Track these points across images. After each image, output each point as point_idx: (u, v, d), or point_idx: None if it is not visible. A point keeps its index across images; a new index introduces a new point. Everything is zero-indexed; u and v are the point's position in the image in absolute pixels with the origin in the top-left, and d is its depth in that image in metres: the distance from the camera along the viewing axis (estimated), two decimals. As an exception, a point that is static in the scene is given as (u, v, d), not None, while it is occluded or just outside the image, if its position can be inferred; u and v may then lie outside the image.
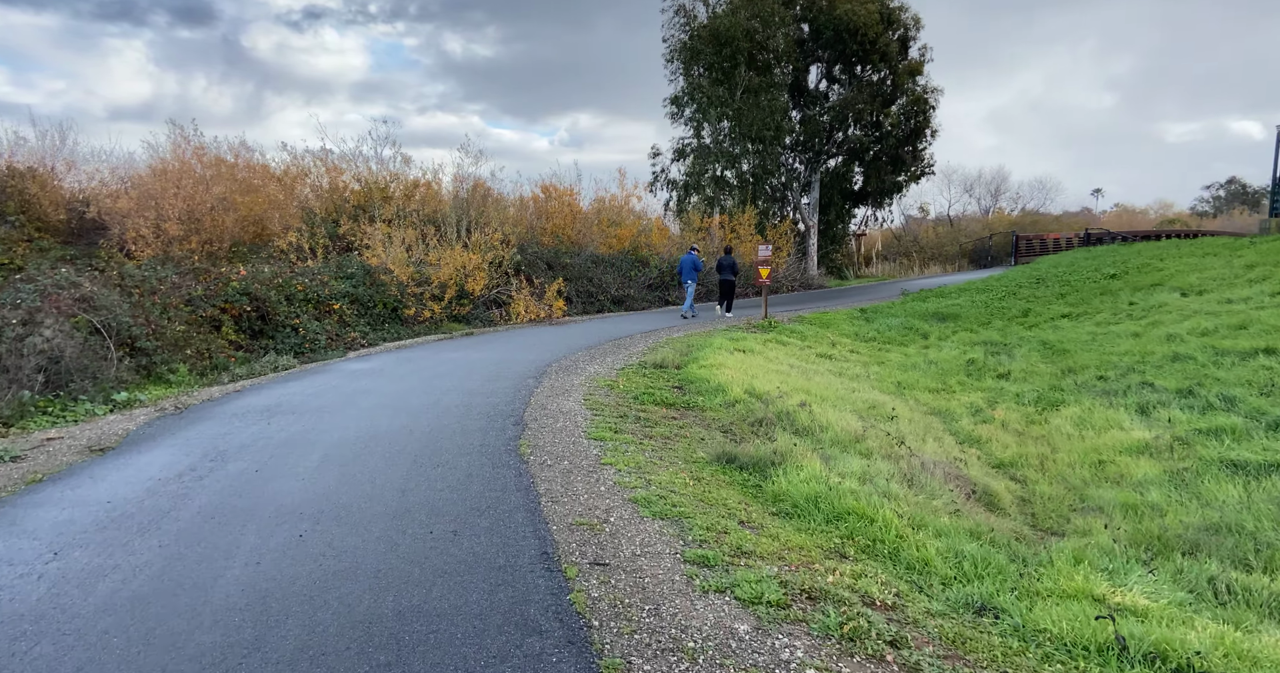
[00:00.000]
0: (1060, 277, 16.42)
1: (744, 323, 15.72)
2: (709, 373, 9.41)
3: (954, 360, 11.50)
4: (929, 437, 7.92)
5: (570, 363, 10.86)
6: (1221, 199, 65.98)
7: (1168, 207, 64.87)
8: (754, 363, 10.26)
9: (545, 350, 12.06)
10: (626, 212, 23.34)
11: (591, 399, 8.37)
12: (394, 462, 5.91)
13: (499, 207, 21.22)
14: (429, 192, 21.03)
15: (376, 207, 18.12)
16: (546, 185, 22.48)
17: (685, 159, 28.29)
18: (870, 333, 14.19)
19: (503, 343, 13.32)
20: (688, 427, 7.49)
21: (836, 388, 9.52)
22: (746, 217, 23.85)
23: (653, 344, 12.69)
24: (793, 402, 8.16)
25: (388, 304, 14.80)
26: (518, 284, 17.15)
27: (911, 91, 29.26)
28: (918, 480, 5.85)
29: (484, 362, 11.03)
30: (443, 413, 7.65)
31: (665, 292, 20.38)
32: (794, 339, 13.38)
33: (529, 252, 18.62)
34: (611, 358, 11.34)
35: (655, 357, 10.75)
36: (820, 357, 11.96)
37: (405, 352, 12.46)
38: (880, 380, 10.46)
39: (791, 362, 11.11)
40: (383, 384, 9.34)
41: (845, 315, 16.35)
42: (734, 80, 26.64)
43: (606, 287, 19.04)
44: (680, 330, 14.60)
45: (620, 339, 13.37)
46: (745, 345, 11.78)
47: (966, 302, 15.82)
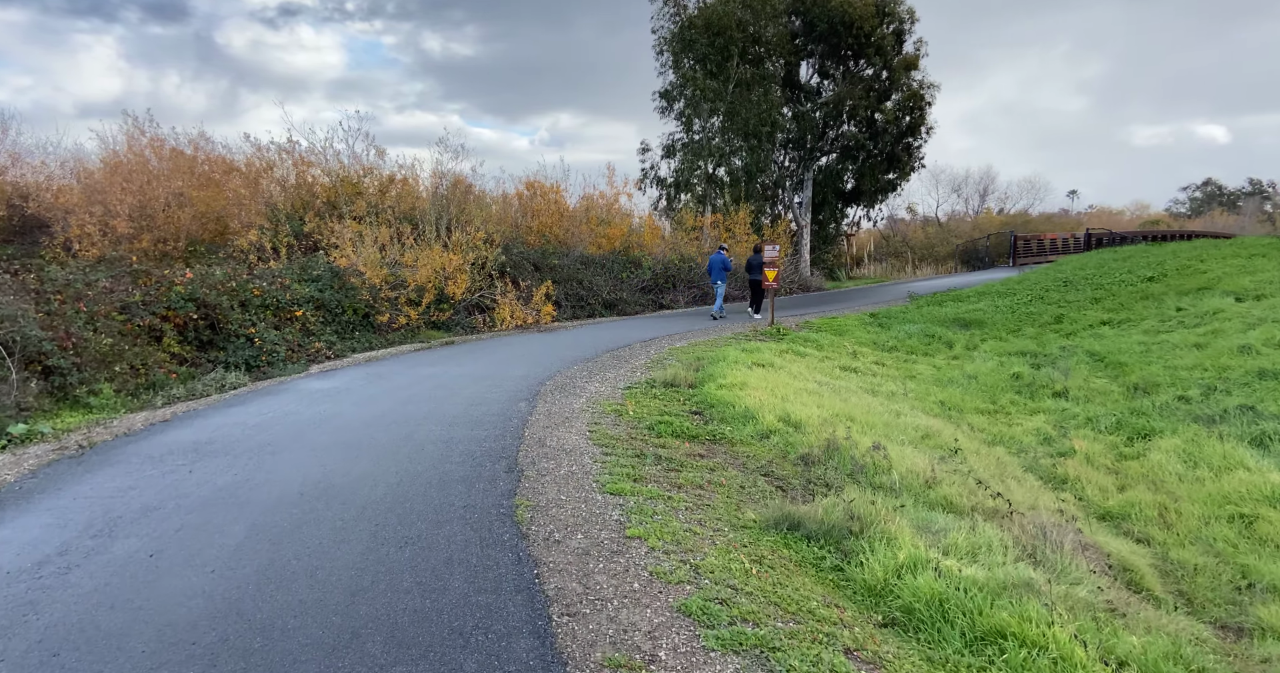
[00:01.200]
0: (1090, 280, 15.08)
1: (749, 330, 14.22)
2: (731, 395, 7.88)
3: (995, 375, 10.08)
4: (1007, 477, 6.45)
5: (566, 380, 9.28)
6: (1198, 200, 65.77)
7: (1144, 207, 64.44)
8: (777, 380, 8.75)
9: (536, 364, 10.46)
10: (616, 210, 21.76)
11: (599, 430, 6.80)
12: (346, 536, 4.30)
13: (481, 204, 19.55)
14: (406, 187, 19.31)
15: (345, 202, 16.38)
16: (531, 181, 20.84)
17: (675, 155, 26.74)
18: (889, 341, 12.75)
19: (488, 354, 11.70)
20: (721, 469, 5.95)
21: (878, 411, 8.03)
22: (741, 215, 22.36)
23: (656, 356, 11.14)
24: (840, 434, 6.65)
25: (358, 310, 13.11)
26: (502, 287, 15.52)
27: (907, 87, 27.92)
28: (1041, 553, 4.36)
29: (467, 379, 9.41)
30: (416, 453, 6.03)
31: (659, 295, 18.84)
32: (810, 349, 11.89)
33: (514, 252, 16.99)
34: (613, 373, 9.76)
35: (664, 373, 9.19)
36: (845, 370, 10.49)
37: (377, 366, 10.79)
38: (920, 399, 9.00)
39: (817, 377, 9.61)
40: (346, 410, 7.69)
41: (856, 321, 14.92)
42: (726, 73, 25.14)
43: (597, 290, 17.46)
44: (683, 339, 13.06)
45: (619, 350, 11.80)
46: (761, 358, 10.27)
47: (989, 307, 14.46)
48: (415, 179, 20.06)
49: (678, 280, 19.31)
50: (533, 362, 10.69)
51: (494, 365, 10.44)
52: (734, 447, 6.61)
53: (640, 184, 25.81)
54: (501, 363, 10.66)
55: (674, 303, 18.84)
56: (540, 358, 11.02)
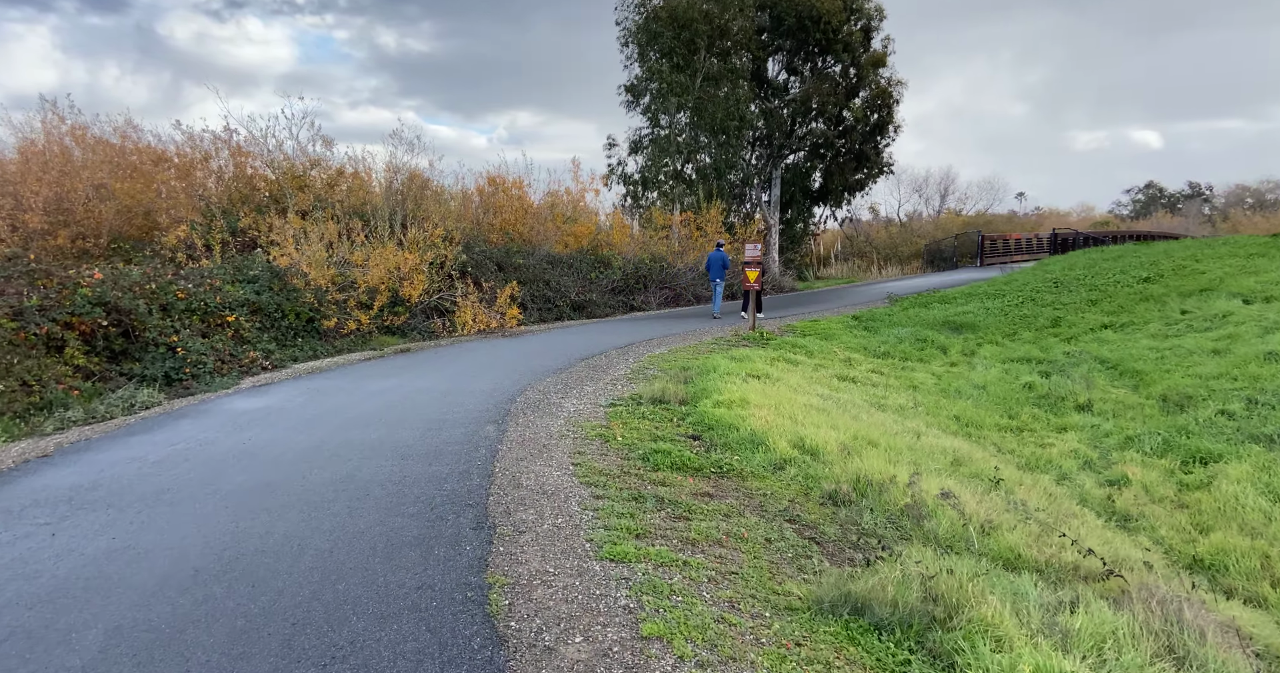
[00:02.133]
0: (1082, 280, 14.32)
1: (731, 334, 13.12)
2: (732, 414, 6.73)
3: (1005, 385, 9.14)
4: (1063, 513, 5.42)
5: (539, 395, 8.02)
6: (1140, 202, 67.10)
7: (1089, 209, 65.49)
8: (778, 395, 7.63)
9: (504, 375, 9.18)
10: (582, 207, 20.50)
11: (584, 463, 5.58)
12: (248, 648, 3.01)
13: (439, 200, 18.10)
14: (357, 181, 17.77)
15: (289, 195, 14.82)
16: (493, 176, 19.44)
17: (642, 151, 25.55)
18: (880, 346, 11.76)
19: (448, 363, 10.36)
20: (737, 514, 4.78)
21: (895, 432, 6.98)
22: (713, 213, 21.28)
23: (636, 365, 9.94)
24: (873, 469, 5.55)
25: (301, 314, 11.63)
26: (464, 288, 14.15)
27: (875, 84, 27.18)
28: (1179, 644, 3.30)
29: (424, 395, 8.09)
30: (358, 500, 4.74)
31: (629, 296, 17.64)
32: (801, 356, 10.83)
33: (476, 251, 15.62)
34: (591, 386, 8.54)
35: (651, 388, 7.99)
36: (843, 380, 9.43)
37: (320, 379, 9.38)
38: (933, 414, 7.98)
39: (818, 390, 8.53)
40: (276, 438, 6.33)
41: (840, 324, 13.93)
42: (693, 67, 24.04)
43: (565, 291, 16.18)
44: (662, 344, 11.89)
45: (593, 358, 10.57)
46: (754, 368, 9.15)
47: (978, 309, 13.61)
48: (368, 173, 18.56)
49: (649, 281, 18.14)
50: (500, 373, 9.40)
51: (456, 378, 9.13)
52: (745, 482, 5.45)
53: (607, 180, 24.57)
54: (464, 374, 9.35)
55: (645, 304, 17.67)
56: (508, 368, 9.73)
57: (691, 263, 19.67)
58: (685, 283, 18.71)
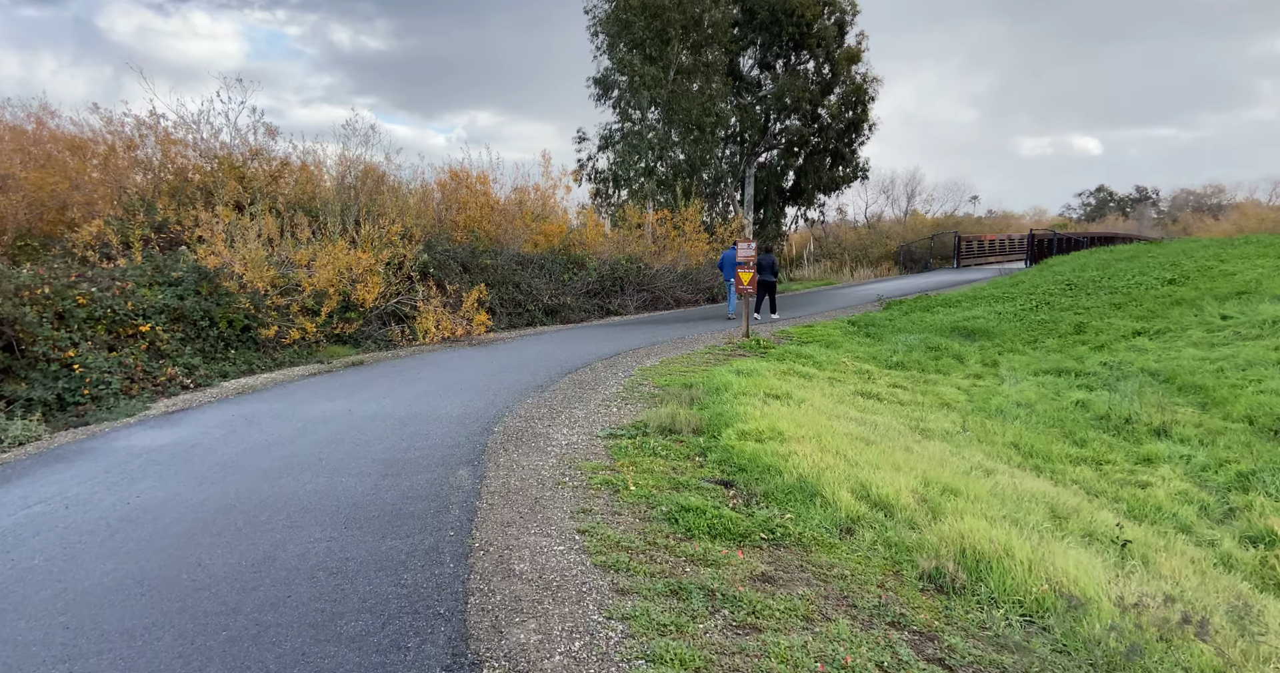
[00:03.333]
0: (1097, 282, 13.22)
1: (725, 341, 11.72)
2: (765, 450, 5.30)
3: (1050, 402, 7.90)
4: (1221, 589, 4.11)
5: (521, 423, 6.48)
6: (1091, 206, 67.97)
7: (1042, 212, 66.04)
8: (810, 422, 6.24)
9: (476, 395, 7.60)
10: (553, 205, 18.90)
11: (594, 531, 4.07)
12: None
13: (397, 195, 16.34)
14: (305, 174, 15.93)
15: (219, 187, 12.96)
16: (455, 170, 17.73)
17: (613, 147, 24.05)
18: (891, 355, 10.48)
19: (409, 380, 8.73)
20: (820, 618, 3.33)
21: (962, 469, 5.63)
22: (691, 212, 19.88)
23: (629, 381, 8.45)
24: (970, 530, 4.17)
25: (234, 322, 9.87)
26: (425, 291, 12.49)
27: (850, 80, 26.18)
28: None
29: (379, 423, 6.49)
30: (273, 608, 3.16)
31: (605, 299, 16.12)
32: (809, 367, 9.47)
33: (438, 250, 13.95)
34: (581, 409, 7.02)
35: (657, 413, 6.51)
36: (866, 397, 8.09)
37: (252, 401, 7.68)
38: (985, 440, 6.67)
39: (847, 411, 7.17)
40: (174, 493, 4.69)
41: (837, 330, 12.64)
42: (666, 59, 22.63)
43: (537, 294, 14.59)
44: (652, 355, 10.42)
45: (577, 371, 9.05)
46: (766, 384, 7.75)
47: (988, 313, 12.44)
48: (318, 167, 16.72)
49: (625, 284, 16.66)
50: (471, 392, 7.82)
51: (418, 399, 7.52)
52: (810, 554, 4.02)
53: (577, 176, 23.00)
54: (429, 394, 7.74)
55: (622, 308, 16.18)
56: (480, 385, 8.16)
57: (669, 264, 18.26)
58: (664, 285, 17.27)
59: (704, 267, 18.89)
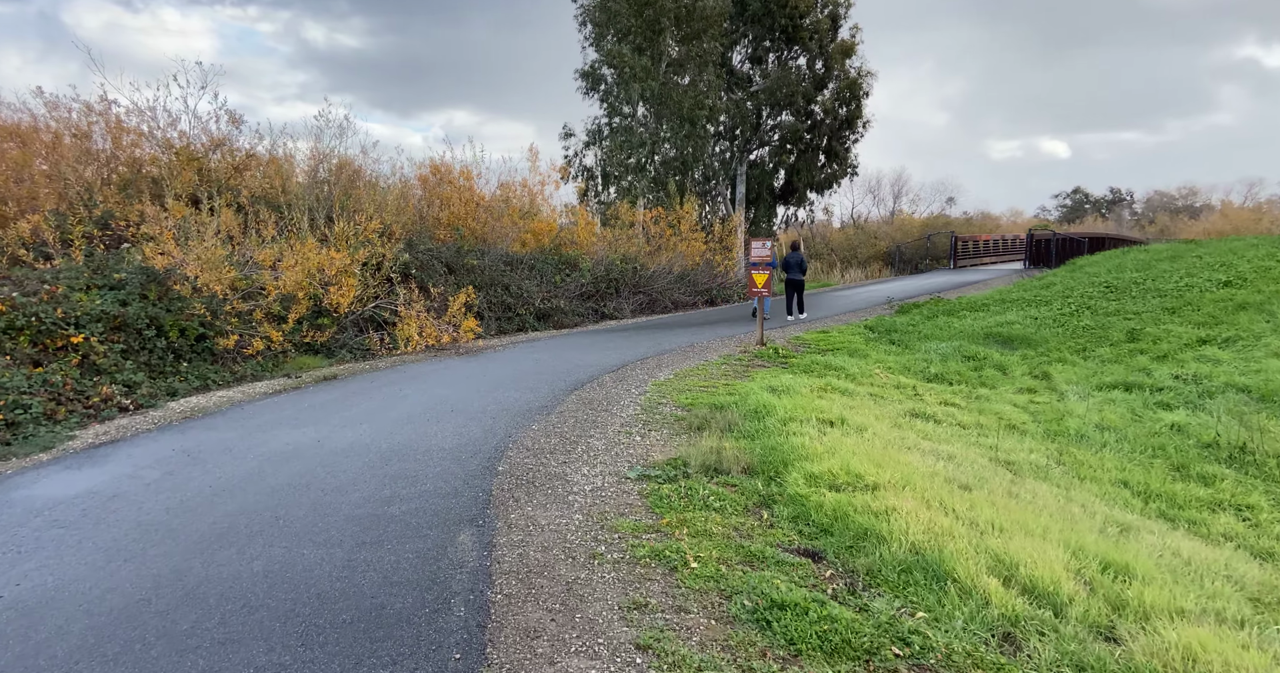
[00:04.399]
0: (1142, 285, 12.15)
1: (739, 350, 10.56)
2: (851, 504, 4.12)
3: (1137, 425, 6.81)
4: None
5: (531, 458, 5.23)
6: (1068, 207, 68.01)
7: (1019, 214, 65.89)
8: (884, 456, 5.08)
9: (470, 419, 6.34)
10: (542, 201, 17.61)
11: (658, 647, 2.84)
12: None
13: (374, 191, 14.96)
14: (274, 167, 14.49)
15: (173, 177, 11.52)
16: (437, 164, 16.38)
17: (602, 142, 22.79)
18: (925, 366, 9.37)
19: (390, 399, 7.43)
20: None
21: (1095, 528, 4.49)
22: (686, 210, 18.70)
23: (646, 400, 7.23)
24: (1189, 644, 3.02)
25: (188, 331, 8.50)
26: (407, 295, 11.17)
27: (845, 75, 25.14)
28: None
29: (355, 459, 5.20)
30: None
31: (600, 303, 14.88)
32: (843, 380, 8.33)
33: (420, 250, 12.63)
34: (599, 438, 5.79)
35: (695, 447, 5.30)
36: (919, 418, 6.95)
37: (199, 429, 6.35)
38: (1086, 476, 5.56)
39: (914, 439, 6.02)
40: (70, 579, 3.38)
41: (855, 336, 11.53)
42: (657, 49, 21.43)
43: (528, 297, 13.31)
44: (663, 366, 9.20)
45: (583, 387, 7.81)
46: (809, 403, 6.59)
47: (1023, 318, 11.37)
48: (289, 160, 15.29)
49: (621, 286, 15.43)
50: (464, 414, 6.55)
51: (403, 424, 6.23)
52: None
53: (565, 172, 21.72)
54: (415, 418, 6.46)
55: (618, 312, 14.94)
56: (474, 406, 6.89)
57: (665, 264, 17.06)
58: (661, 287, 16.07)
59: (701, 267, 17.73)
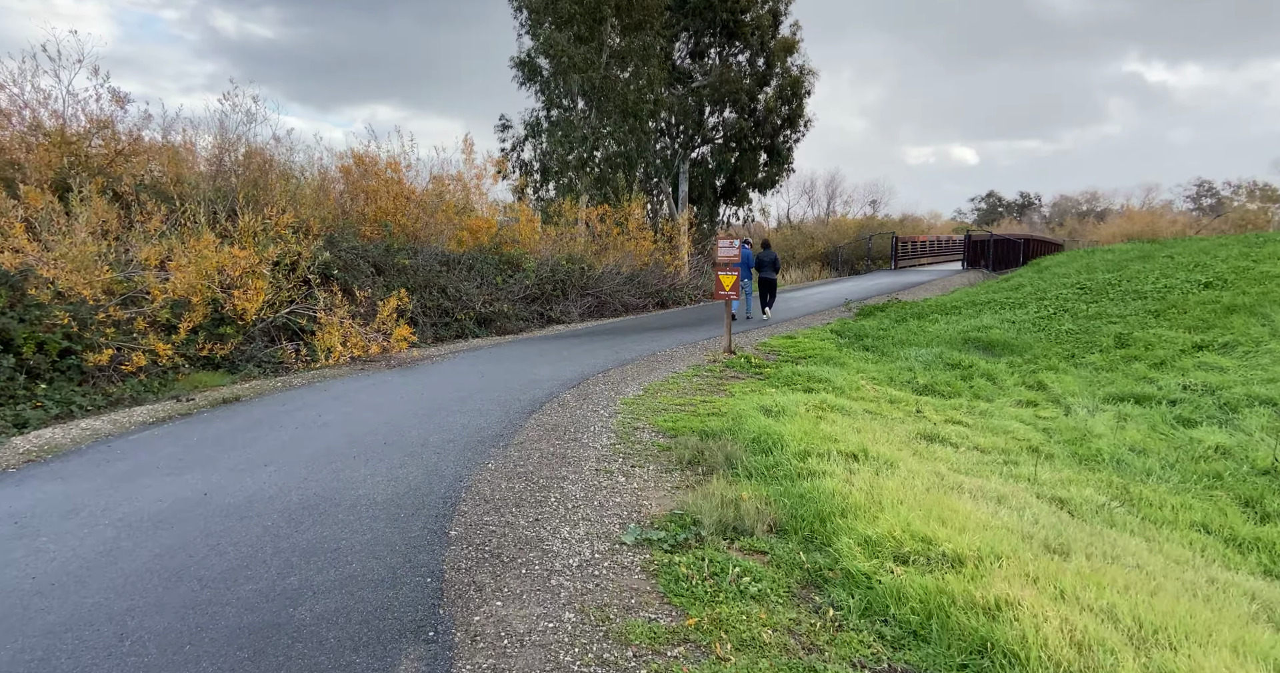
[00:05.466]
0: (1117, 286, 11.61)
1: (708, 359, 9.49)
2: (943, 594, 3.05)
3: (1162, 442, 6.08)
4: None
5: (493, 516, 3.97)
6: (983, 210, 70.31)
7: (937, 216, 67.84)
8: (943, 507, 4.06)
9: (408, 454, 5.00)
10: (479, 196, 16.14)
11: None
12: None
13: (288, 181, 13.22)
14: (169, 154, 12.59)
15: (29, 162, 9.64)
16: (360, 154, 14.70)
17: (540, 136, 21.42)
18: (908, 375, 8.52)
19: (305, 428, 5.99)
20: None
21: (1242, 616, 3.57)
22: (634, 207, 17.56)
23: (619, 424, 6.04)
24: None
25: (46, 345, 6.82)
26: (328, 299, 9.63)
27: (787, 72, 24.58)
28: None
29: (253, 525, 3.83)
30: None
31: (546, 306, 13.57)
32: (832, 394, 7.35)
33: (343, 248, 11.06)
34: (574, 481, 4.57)
35: (704, 500, 4.16)
36: (930, 441, 6.03)
37: (41, 478, 4.79)
38: (1159, 520, 4.70)
39: (947, 474, 5.06)
40: None
41: (827, 343, 10.64)
42: (599, 39, 20.24)
43: (468, 300, 11.90)
44: (628, 379, 8.02)
45: (542, 407, 6.55)
46: (811, 427, 5.57)
47: (999, 322, 10.67)
48: (188, 148, 13.39)
49: (568, 287, 14.17)
50: (400, 447, 5.21)
51: (320, 464, 4.85)
52: None
53: (502, 165, 20.25)
54: (337, 455, 5.07)
55: (565, 316, 13.68)
56: (412, 435, 5.55)
57: (613, 265, 15.88)
58: (610, 289, 14.89)
59: (650, 268, 16.63)
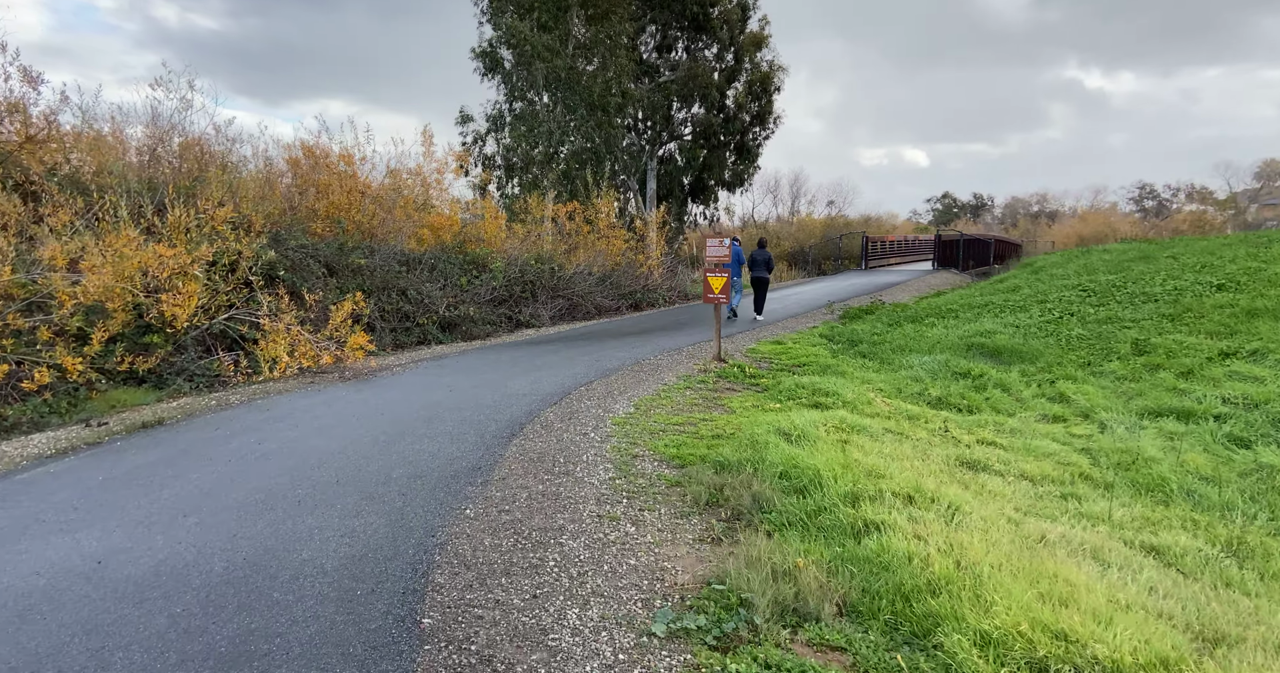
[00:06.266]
0: (1123, 288, 11.14)
1: (697, 368, 8.66)
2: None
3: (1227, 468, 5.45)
4: None
5: (478, 594, 3.05)
6: (939, 210, 71.16)
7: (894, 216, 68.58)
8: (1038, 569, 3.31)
9: (365, 498, 4.04)
10: (439, 192, 15.02)
11: None
12: None
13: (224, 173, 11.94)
14: (96, 142, 11.26)
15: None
16: (310, 146, 13.48)
17: (504, 129, 20.34)
18: (917, 386, 7.81)
19: (237, 464, 4.96)
20: None
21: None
22: (604, 204, 16.63)
23: (616, 450, 5.17)
24: None
25: (-80, 365, 5.62)
26: (274, 303, 8.53)
27: (757, 68, 23.95)
28: None
29: (151, 613, 2.84)
30: None
31: (515, 308, 12.58)
32: (848, 411, 6.60)
33: (290, 246, 9.92)
34: (574, 535, 3.67)
35: (747, 562, 3.33)
36: (970, 468, 5.30)
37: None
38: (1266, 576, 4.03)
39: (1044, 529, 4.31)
40: None
41: (821, 349, 9.86)
42: (564, 28, 19.27)
43: (430, 303, 10.85)
44: (617, 394, 7.13)
45: (522, 430, 5.64)
46: (837, 454, 4.79)
47: (1001, 326, 10.01)
48: (117, 136, 12.08)
49: (537, 289, 13.20)
50: (354, 489, 4.24)
51: (252, 517, 3.86)
52: None
53: (464, 159, 19.12)
54: (274, 502, 4.08)
55: (535, 319, 12.72)
56: (369, 472, 4.58)
57: (584, 265, 14.96)
58: (581, 291, 13.96)
59: (623, 269, 15.76)
